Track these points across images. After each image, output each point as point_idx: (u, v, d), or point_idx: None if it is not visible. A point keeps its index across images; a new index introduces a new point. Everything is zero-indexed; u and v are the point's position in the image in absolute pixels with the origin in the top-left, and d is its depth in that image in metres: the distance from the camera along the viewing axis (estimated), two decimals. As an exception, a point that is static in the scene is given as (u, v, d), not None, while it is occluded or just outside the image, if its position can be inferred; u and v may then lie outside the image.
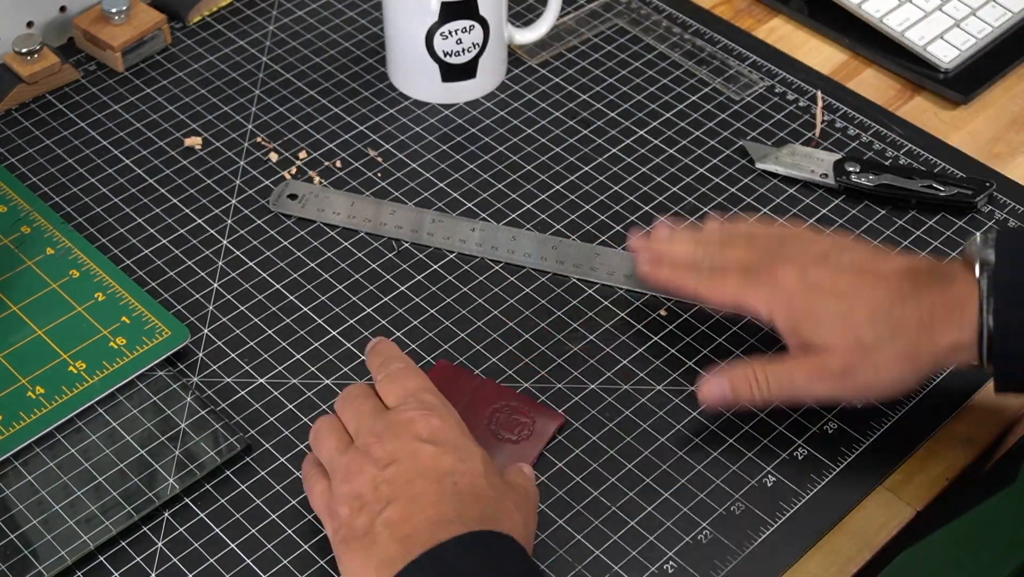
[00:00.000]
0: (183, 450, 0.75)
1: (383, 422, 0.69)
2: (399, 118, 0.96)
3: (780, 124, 0.96)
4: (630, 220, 0.89)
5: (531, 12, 1.05)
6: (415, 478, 0.66)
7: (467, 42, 0.94)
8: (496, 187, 0.91)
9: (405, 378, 0.72)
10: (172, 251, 0.87)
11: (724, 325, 0.82)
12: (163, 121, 0.96)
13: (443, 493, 0.66)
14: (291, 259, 0.86)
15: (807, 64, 1.01)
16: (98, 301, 0.82)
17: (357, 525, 0.66)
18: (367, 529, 0.65)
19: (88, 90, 0.98)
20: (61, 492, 0.73)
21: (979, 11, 1.03)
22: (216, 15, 1.04)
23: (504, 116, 0.97)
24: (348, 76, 1.00)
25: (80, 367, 0.78)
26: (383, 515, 0.65)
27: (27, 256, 0.85)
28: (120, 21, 0.98)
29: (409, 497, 0.66)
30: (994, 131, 0.97)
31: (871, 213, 0.90)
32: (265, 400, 0.79)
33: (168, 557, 0.71)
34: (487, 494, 0.67)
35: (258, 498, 0.74)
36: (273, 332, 0.82)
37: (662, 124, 0.96)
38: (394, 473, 0.67)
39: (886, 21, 1.02)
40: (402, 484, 0.66)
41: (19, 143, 0.94)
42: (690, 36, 1.03)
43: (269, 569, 0.71)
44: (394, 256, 0.86)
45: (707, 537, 0.72)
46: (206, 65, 1.00)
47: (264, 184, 0.91)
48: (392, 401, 0.71)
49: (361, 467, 0.68)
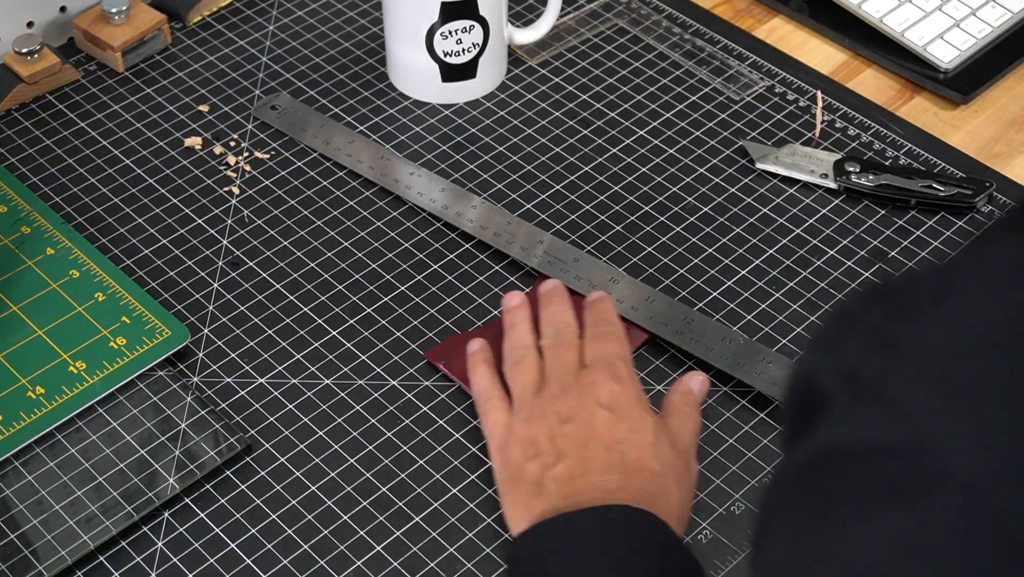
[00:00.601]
0: (183, 450, 0.75)
1: (572, 377, 0.73)
2: (399, 118, 0.96)
3: (780, 124, 0.96)
4: (630, 220, 0.89)
5: (531, 12, 1.05)
6: (589, 441, 0.70)
7: (467, 42, 0.94)
8: (496, 187, 0.91)
9: (606, 340, 0.75)
10: (172, 251, 0.87)
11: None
12: (163, 121, 0.96)
13: (611, 462, 0.69)
14: (291, 259, 0.86)
15: (807, 64, 1.01)
16: (98, 301, 0.82)
17: (527, 471, 0.69)
18: (536, 479, 0.69)
19: (88, 90, 0.98)
20: (61, 492, 0.73)
21: (979, 11, 1.03)
22: (216, 15, 1.04)
23: (504, 116, 0.97)
24: (348, 76, 1.00)
25: (80, 367, 0.78)
26: (553, 470, 0.69)
27: (27, 256, 0.85)
28: (120, 21, 0.98)
29: (580, 458, 0.69)
30: (994, 131, 0.97)
31: (871, 213, 0.90)
32: (265, 400, 0.79)
33: (168, 557, 0.71)
34: (652, 467, 0.69)
35: (258, 498, 0.74)
36: (273, 332, 0.82)
37: (662, 124, 0.96)
38: (570, 431, 0.70)
39: (886, 21, 1.02)
40: (576, 444, 0.70)
41: (19, 143, 0.94)
42: (690, 36, 1.03)
43: (269, 569, 0.71)
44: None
45: (707, 537, 0.72)
46: (206, 65, 1.00)
47: (264, 184, 0.91)
48: (588, 358, 0.74)
49: (543, 414, 0.71)
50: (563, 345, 0.76)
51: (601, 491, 0.67)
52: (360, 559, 0.71)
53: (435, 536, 0.72)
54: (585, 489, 0.67)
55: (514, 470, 0.70)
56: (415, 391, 0.79)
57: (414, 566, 0.71)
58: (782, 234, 0.88)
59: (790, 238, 0.88)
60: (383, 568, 0.71)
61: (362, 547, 0.72)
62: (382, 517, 0.73)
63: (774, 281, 0.85)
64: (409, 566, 0.71)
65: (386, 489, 0.74)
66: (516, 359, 0.76)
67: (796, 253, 0.87)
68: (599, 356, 0.74)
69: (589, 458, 0.69)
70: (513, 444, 0.71)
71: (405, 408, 0.78)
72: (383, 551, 0.72)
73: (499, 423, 0.73)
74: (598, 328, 0.76)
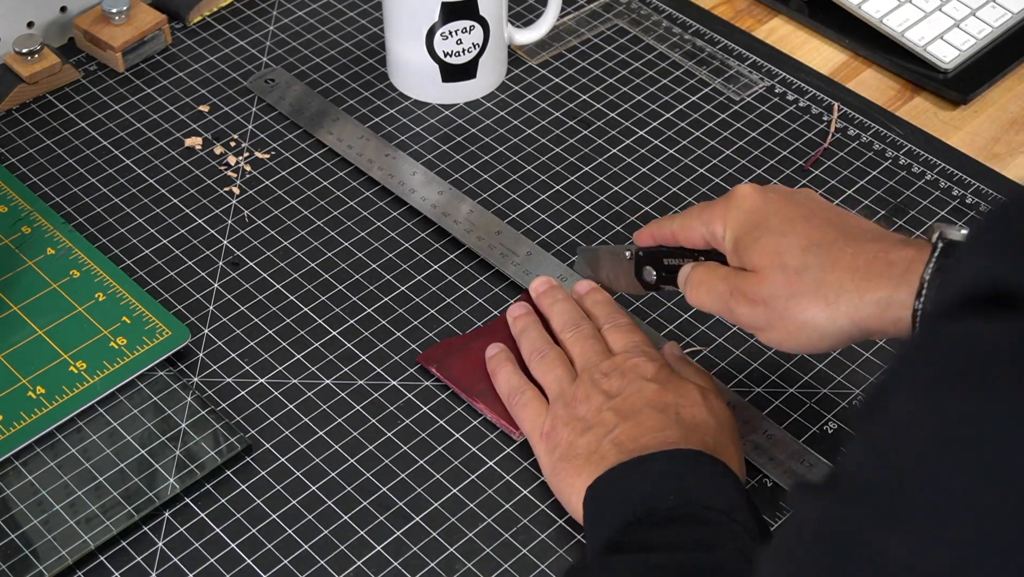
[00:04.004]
0: (183, 450, 0.75)
1: (610, 363, 0.74)
2: (399, 118, 0.96)
3: (780, 124, 0.96)
4: (630, 220, 0.89)
5: (531, 12, 1.05)
6: (642, 408, 0.70)
7: (467, 42, 0.94)
8: (496, 187, 0.91)
9: (631, 332, 0.76)
10: (172, 251, 0.87)
11: (722, 329, 0.83)
12: (163, 121, 0.96)
13: (668, 421, 0.70)
14: (291, 259, 0.86)
15: (807, 64, 1.01)
16: (98, 301, 0.82)
17: (580, 444, 0.70)
18: (594, 448, 0.69)
19: (88, 90, 0.98)
20: (61, 492, 0.73)
21: (979, 11, 1.03)
22: (216, 15, 1.04)
23: (504, 116, 0.97)
24: (348, 76, 1.00)
25: (80, 367, 0.78)
26: (611, 435, 0.69)
27: (28, 256, 0.85)
28: (120, 21, 0.98)
29: (636, 422, 0.70)
30: (994, 131, 0.97)
31: (871, 215, 0.90)
32: (265, 400, 0.79)
33: (168, 557, 0.71)
34: (709, 422, 0.70)
35: (258, 498, 0.74)
36: (273, 332, 0.82)
37: (662, 124, 0.96)
38: (620, 403, 0.71)
39: (886, 21, 1.02)
40: (629, 411, 0.70)
41: (19, 143, 0.94)
42: (690, 36, 1.03)
43: (269, 569, 0.71)
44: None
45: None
46: (206, 65, 1.00)
47: (264, 184, 0.91)
48: (619, 347, 0.75)
49: (588, 395, 0.72)
50: (587, 337, 0.77)
51: (665, 444, 0.68)
52: (360, 559, 0.71)
53: (435, 536, 0.72)
54: (648, 445, 0.68)
55: (565, 448, 0.71)
56: (415, 391, 0.79)
57: (414, 566, 0.71)
58: (782, 234, 0.88)
59: (790, 238, 0.88)
60: (383, 568, 0.71)
61: (362, 547, 0.72)
62: (382, 517, 0.73)
63: (774, 281, 0.85)
64: (409, 566, 0.71)
65: (386, 489, 0.74)
66: (540, 357, 0.77)
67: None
68: (630, 344, 0.75)
69: (645, 420, 0.70)
70: (559, 427, 0.72)
71: (405, 408, 0.78)
72: (383, 551, 0.72)
73: (539, 413, 0.74)
74: (614, 320, 0.78)
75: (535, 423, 0.74)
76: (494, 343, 0.79)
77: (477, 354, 0.79)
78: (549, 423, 0.73)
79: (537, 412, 0.74)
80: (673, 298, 0.84)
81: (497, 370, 0.77)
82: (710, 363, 0.80)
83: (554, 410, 0.73)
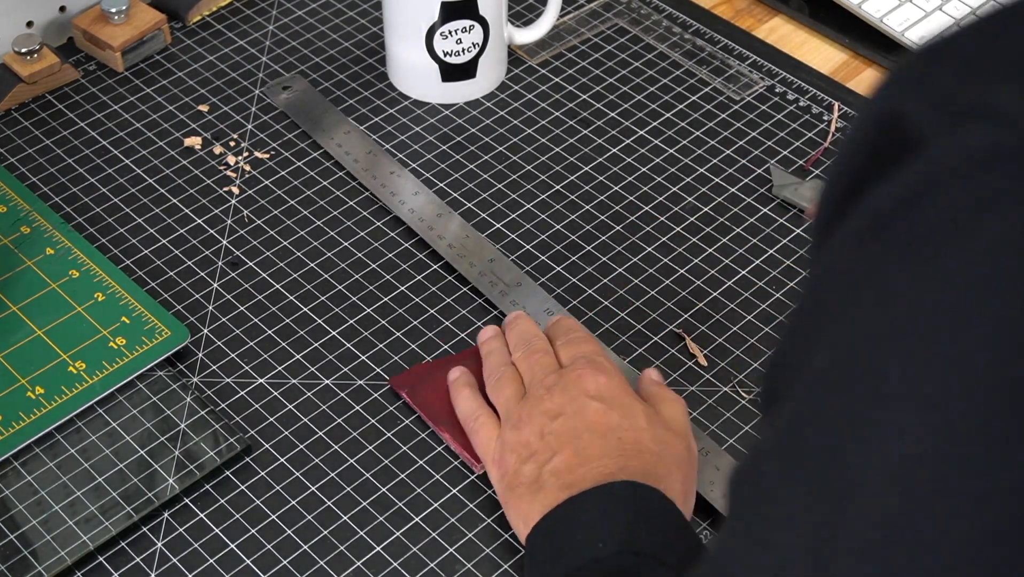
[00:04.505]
0: (183, 450, 0.75)
1: (555, 376, 0.73)
2: (399, 118, 0.96)
3: (780, 124, 0.96)
4: (630, 220, 0.89)
5: (531, 12, 1.05)
6: (582, 432, 0.69)
7: (467, 42, 0.94)
8: (496, 187, 0.91)
9: (582, 343, 0.76)
10: (172, 251, 0.87)
11: (722, 329, 0.83)
12: (163, 121, 0.96)
13: (608, 447, 0.68)
14: (291, 259, 0.86)
15: (807, 64, 1.01)
16: (98, 301, 0.82)
17: (524, 473, 0.69)
18: (534, 477, 0.69)
19: (88, 90, 0.98)
20: (61, 492, 0.73)
21: (979, 11, 1.03)
22: (216, 15, 1.04)
23: (504, 116, 0.97)
24: (348, 76, 1.00)
25: (80, 367, 0.78)
26: (550, 464, 0.68)
27: (27, 256, 0.84)
28: (120, 21, 0.98)
29: (575, 449, 0.69)
30: (994, 131, 0.97)
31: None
32: (265, 400, 0.79)
33: (168, 557, 0.71)
34: (650, 449, 0.69)
35: (258, 498, 0.74)
36: (273, 332, 0.82)
37: (662, 124, 0.96)
38: (561, 425, 0.70)
39: (886, 21, 1.02)
40: (569, 437, 0.69)
41: (19, 143, 0.94)
42: (690, 36, 1.03)
43: (269, 569, 0.71)
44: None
45: (707, 537, 0.72)
46: (206, 65, 1.00)
47: (263, 184, 0.91)
48: (566, 360, 0.75)
49: (531, 416, 0.71)
50: (536, 352, 0.76)
51: (601, 476, 0.67)
52: (360, 559, 0.71)
53: (435, 536, 0.72)
54: (585, 477, 0.67)
55: (512, 477, 0.70)
56: (415, 391, 0.79)
57: (414, 566, 0.71)
58: (782, 234, 0.88)
59: (790, 238, 0.88)
60: (383, 568, 0.71)
61: (362, 547, 0.72)
62: (382, 517, 0.73)
63: (774, 281, 0.85)
64: (409, 566, 0.71)
65: (386, 489, 0.74)
66: (496, 379, 0.76)
67: (796, 253, 0.87)
68: (577, 355, 0.75)
69: (585, 447, 0.69)
70: (506, 452, 0.71)
71: (405, 408, 0.78)
72: (383, 551, 0.72)
73: (491, 438, 0.73)
74: (568, 336, 0.77)
75: (487, 447, 0.73)
76: (456, 367, 0.78)
77: (446, 382, 0.78)
78: (498, 448, 0.72)
79: (489, 436, 0.73)
80: (673, 298, 0.84)
81: (457, 395, 0.76)
82: (710, 363, 0.80)
83: (503, 434, 0.72)
